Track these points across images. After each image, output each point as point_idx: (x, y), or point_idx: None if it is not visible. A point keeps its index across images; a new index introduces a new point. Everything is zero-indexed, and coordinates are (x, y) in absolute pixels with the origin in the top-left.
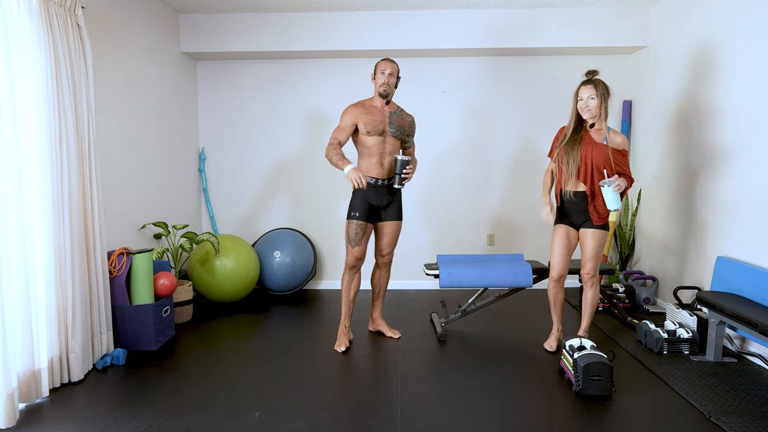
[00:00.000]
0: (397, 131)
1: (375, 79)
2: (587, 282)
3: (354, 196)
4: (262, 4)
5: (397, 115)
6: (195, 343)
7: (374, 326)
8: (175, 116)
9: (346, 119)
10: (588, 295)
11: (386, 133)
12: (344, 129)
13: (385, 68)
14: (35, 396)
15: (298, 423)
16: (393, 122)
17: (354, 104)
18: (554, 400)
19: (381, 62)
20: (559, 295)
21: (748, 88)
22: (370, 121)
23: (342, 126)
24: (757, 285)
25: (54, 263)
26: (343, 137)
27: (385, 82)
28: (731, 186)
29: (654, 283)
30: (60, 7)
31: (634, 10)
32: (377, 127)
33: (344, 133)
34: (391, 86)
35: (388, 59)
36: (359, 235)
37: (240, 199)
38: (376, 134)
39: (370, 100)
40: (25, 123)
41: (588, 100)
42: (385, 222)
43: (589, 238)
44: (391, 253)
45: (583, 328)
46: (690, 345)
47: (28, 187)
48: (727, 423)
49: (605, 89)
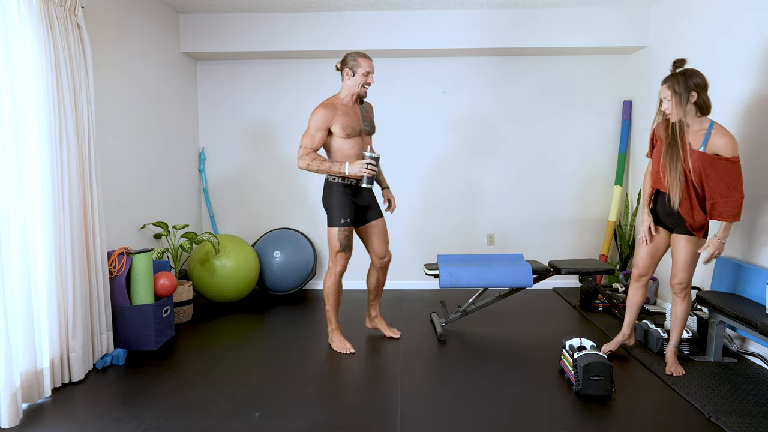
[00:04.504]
0: (370, 128)
1: (349, 76)
2: (678, 293)
3: (335, 200)
4: (262, 4)
5: (365, 110)
6: (195, 343)
7: (372, 324)
8: (175, 116)
9: (318, 122)
10: (678, 309)
11: (362, 132)
12: (316, 134)
13: (368, 69)
14: (37, 396)
15: (298, 423)
16: (366, 119)
17: (323, 105)
18: (554, 400)
19: (363, 60)
20: (635, 297)
21: (748, 88)
22: (347, 123)
23: (312, 132)
24: (757, 285)
25: (55, 263)
26: (316, 143)
27: (368, 83)
28: None
29: (654, 283)
30: (60, 7)
31: (634, 10)
32: (355, 128)
33: (316, 139)
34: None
35: (368, 56)
36: (351, 241)
37: (240, 199)
38: (354, 135)
39: (338, 98)
40: (26, 123)
41: (665, 102)
42: (373, 222)
43: (682, 245)
44: (389, 251)
45: (672, 342)
46: (690, 345)
47: (28, 188)
48: (727, 423)
49: (685, 84)
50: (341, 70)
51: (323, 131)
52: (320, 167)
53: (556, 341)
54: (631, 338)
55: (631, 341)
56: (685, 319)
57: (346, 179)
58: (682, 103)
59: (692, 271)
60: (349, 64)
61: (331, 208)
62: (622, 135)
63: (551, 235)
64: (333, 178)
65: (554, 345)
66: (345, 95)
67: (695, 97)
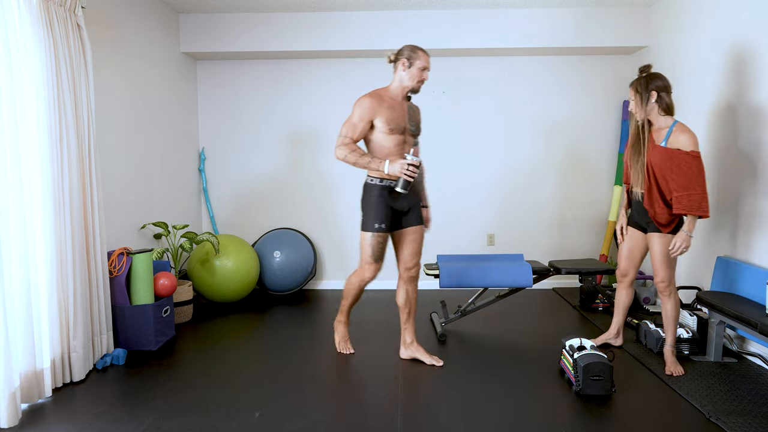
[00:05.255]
0: (415, 128)
1: (405, 67)
2: (662, 292)
3: (371, 202)
4: (262, 4)
5: (412, 110)
6: (195, 343)
7: (409, 353)
8: (175, 116)
9: (362, 112)
10: (667, 307)
11: (407, 131)
12: (358, 125)
13: (426, 64)
14: (38, 396)
15: (298, 423)
16: (412, 118)
17: (370, 94)
18: (554, 400)
19: (422, 53)
20: (621, 297)
21: (748, 88)
22: (392, 118)
23: (355, 121)
24: (757, 285)
25: (55, 263)
26: (357, 134)
27: (423, 79)
28: (731, 186)
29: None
30: (60, 7)
31: (634, 10)
32: (399, 124)
33: (357, 130)
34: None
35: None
36: (384, 248)
37: (240, 199)
38: (398, 132)
39: (387, 90)
40: (26, 123)
41: (631, 102)
42: (408, 228)
43: (654, 243)
44: (419, 264)
45: (668, 342)
46: (690, 345)
47: (28, 188)
48: (727, 423)
49: (646, 85)
50: (395, 62)
51: (366, 122)
52: (358, 161)
53: (556, 341)
54: (619, 338)
55: (618, 341)
56: (676, 316)
57: (385, 180)
58: (644, 102)
59: (670, 267)
60: (405, 55)
61: (369, 210)
62: (622, 135)
63: (551, 235)
64: (372, 179)
65: (554, 345)
66: (395, 88)
67: (655, 96)
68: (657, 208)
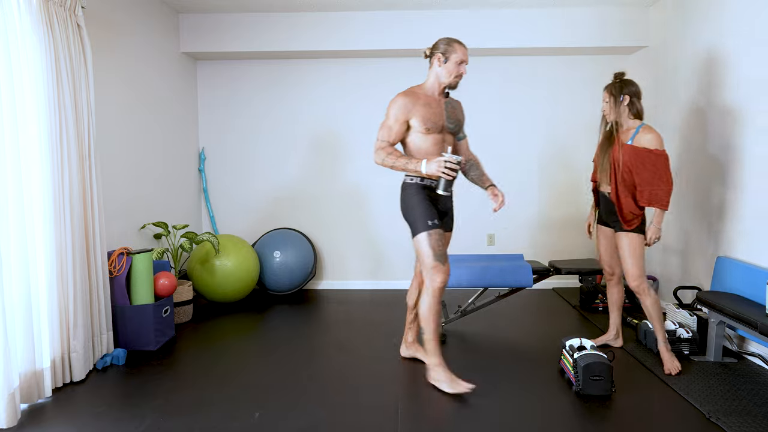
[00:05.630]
0: (454, 126)
1: (440, 62)
2: (638, 292)
3: (416, 201)
4: (262, 4)
5: (451, 106)
6: (195, 343)
7: (410, 352)
8: (175, 116)
9: (397, 112)
10: (646, 304)
11: (445, 129)
12: (394, 126)
13: (463, 57)
14: (37, 396)
15: (298, 423)
16: (450, 115)
17: (404, 93)
18: (554, 400)
19: (458, 46)
20: (612, 295)
21: (748, 88)
22: (428, 116)
23: (390, 123)
24: (756, 285)
25: (55, 263)
26: (393, 136)
27: (461, 73)
28: (731, 186)
29: (654, 283)
30: (60, 7)
31: (634, 10)
32: (437, 123)
33: (394, 132)
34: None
35: (463, 44)
36: (444, 246)
37: (240, 199)
38: (435, 132)
39: (422, 88)
40: (26, 123)
41: (603, 104)
42: (446, 233)
43: (620, 240)
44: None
45: (659, 339)
46: (690, 345)
47: (28, 188)
48: (726, 423)
49: (620, 89)
50: (431, 56)
51: (401, 123)
52: (396, 163)
53: (556, 341)
54: (618, 339)
55: (618, 342)
56: (657, 311)
57: (425, 179)
58: (617, 105)
59: (638, 263)
60: (441, 49)
61: (413, 211)
62: None
63: (551, 235)
64: (411, 178)
65: (554, 345)
66: (431, 84)
67: (627, 100)
68: (623, 200)
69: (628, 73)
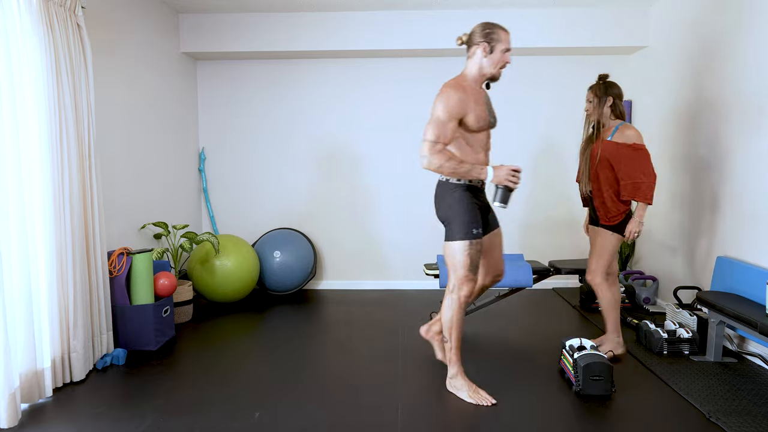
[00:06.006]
0: (494, 121)
1: (486, 52)
2: (589, 282)
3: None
4: (262, 4)
5: (488, 99)
6: (195, 343)
7: (429, 335)
8: (175, 116)
9: (453, 108)
10: (598, 295)
11: (489, 125)
12: (448, 125)
13: (509, 45)
14: (38, 396)
15: (298, 423)
16: (490, 110)
17: (455, 87)
18: (554, 400)
19: (503, 33)
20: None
21: (751, 86)
22: (480, 113)
23: (444, 120)
24: (757, 285)
25: (55, 263)
26: (448, 136)
27: (506, 63)
28: (731, 185)
29: (654, 283)
30: (60, 7)
31: (634, 10)
32: (486, 119)
33: (449, 131)
34: None
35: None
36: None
37: (240, 199)
38: (484, 129)
39: (465, 80)
40: (26, 123)
41: (587, 104)
42: (495, 230)
43: (596, 235)
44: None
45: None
46: (690, 345)
47: (29, 188)
48: (727, 423)
49: (604, 90)
50: (472, 44)
51: (456, 121)
52: (458, 169)
53: (556, 341)
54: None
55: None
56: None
57: (472, 181)
58: (601, 105)
59: (600, 261)
60: (485, 37)
61: (458, 216)
62: None
63: (551, 235)
64: (458, 178)
65: (554, 345)
66: (474, 76)
67: (611, 101)
68: (605, 195)
69: (628, 73)
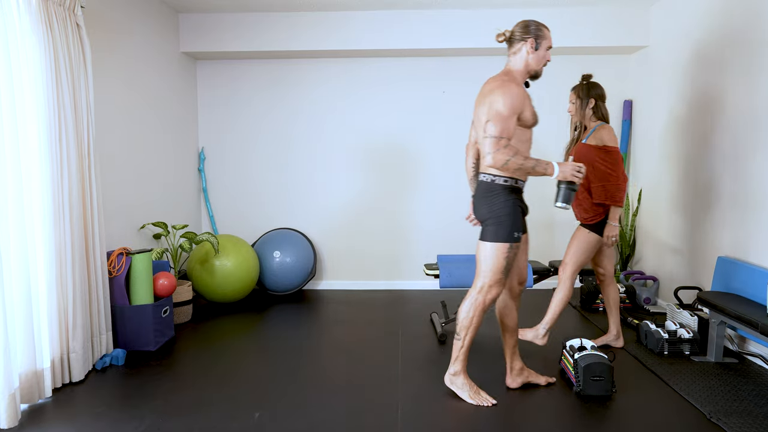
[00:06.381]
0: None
1: (532, 48)
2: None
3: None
4: (262, 4)
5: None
6: (194, 344)
7: (520, 379)
8: (175, 116)
9: (516, 103)
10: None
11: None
12: (509, 120)
13: (551, 43)
14: (37, 396)
15: (298, 423)
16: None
17: (514, 82)
18: (554, 400)
19: (547, 31)
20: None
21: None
22: (533, 109)
23: (507, 115)
24: (757, 285)
25: (55, 263)
26: (511, 131)
27: (548, 61)
28: (731, 185)
29: (654, 283)
30: (59, 6)
31: (634, 10)
32: (536, 115)
33: (511, 127)
34: None
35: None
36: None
37: (240, 199)
38: (534, 125)
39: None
40: (25, 123)
41: (570, 104)
42: (524, 234)
43: (576, 231)
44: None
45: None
46: (691, 345)
47: (28, 188)
48: (727, 423)
49: (586, 91)
50: (516, 41)
51: (516, 116)
52: (524, 165)
53: (556, 341)
54: (620, 340)
55: (620, 342)
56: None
57: (519, 181)
58: (583, 106)
59: (577, 257)
60: (534, 34)
61: (505, 217)
62: (622, 135)
63: (551, 235)
64: (503, 178)
65: (554, 345)
66: (520, 72)
67: (593, 103)
68: (581, 197)
69: (628, 73)
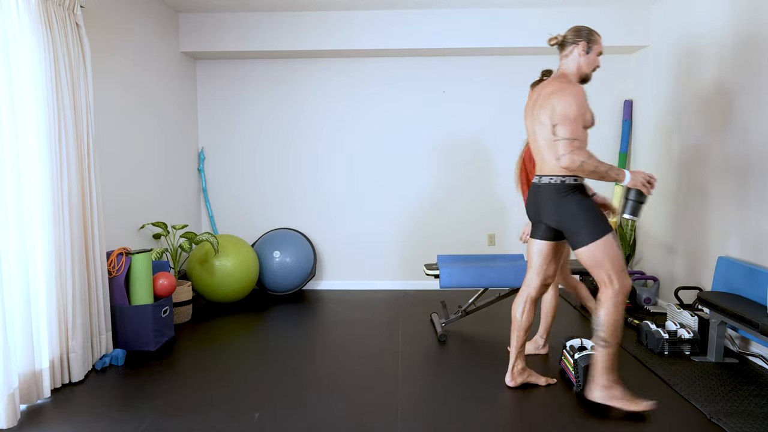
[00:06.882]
0: None
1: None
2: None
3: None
4: (262, 4)
5: None
6: (194, 344)
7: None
8: (174, 116)
9: (582, 106)
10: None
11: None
12: (578, 120)
13: (602, 49)
14: (36, 396)
15: (298, 423)
16: None
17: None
18: (554, 400)
19: (599, 37)
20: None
21: (748, 87)
22: (591, 111)
23: (575, 117)
24: (758, 285)
25: (54, 263)
26: (581, 132)
27: (597, 66)
28: (732, 185)
29: (655, 283)
30: (59, 6)
31: (634, 10)
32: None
33: (580, 127)
34: None
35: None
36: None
37: (240, 199)
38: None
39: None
40: (25, 123)
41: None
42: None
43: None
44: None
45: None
46: (691, 345)
47: (27, 188)
48: (728, 424)
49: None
50: (568, 44)
51: (582, 118)
52: (598, 168)
53: (556, 341)
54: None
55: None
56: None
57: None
58: None
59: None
60: (586, 38)
61: (590, 213)
62: (622, 135)
63: None
64: (572, 179)
65: (554, 345)
66: (574, 74)
67: None
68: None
69: (629, 73)
